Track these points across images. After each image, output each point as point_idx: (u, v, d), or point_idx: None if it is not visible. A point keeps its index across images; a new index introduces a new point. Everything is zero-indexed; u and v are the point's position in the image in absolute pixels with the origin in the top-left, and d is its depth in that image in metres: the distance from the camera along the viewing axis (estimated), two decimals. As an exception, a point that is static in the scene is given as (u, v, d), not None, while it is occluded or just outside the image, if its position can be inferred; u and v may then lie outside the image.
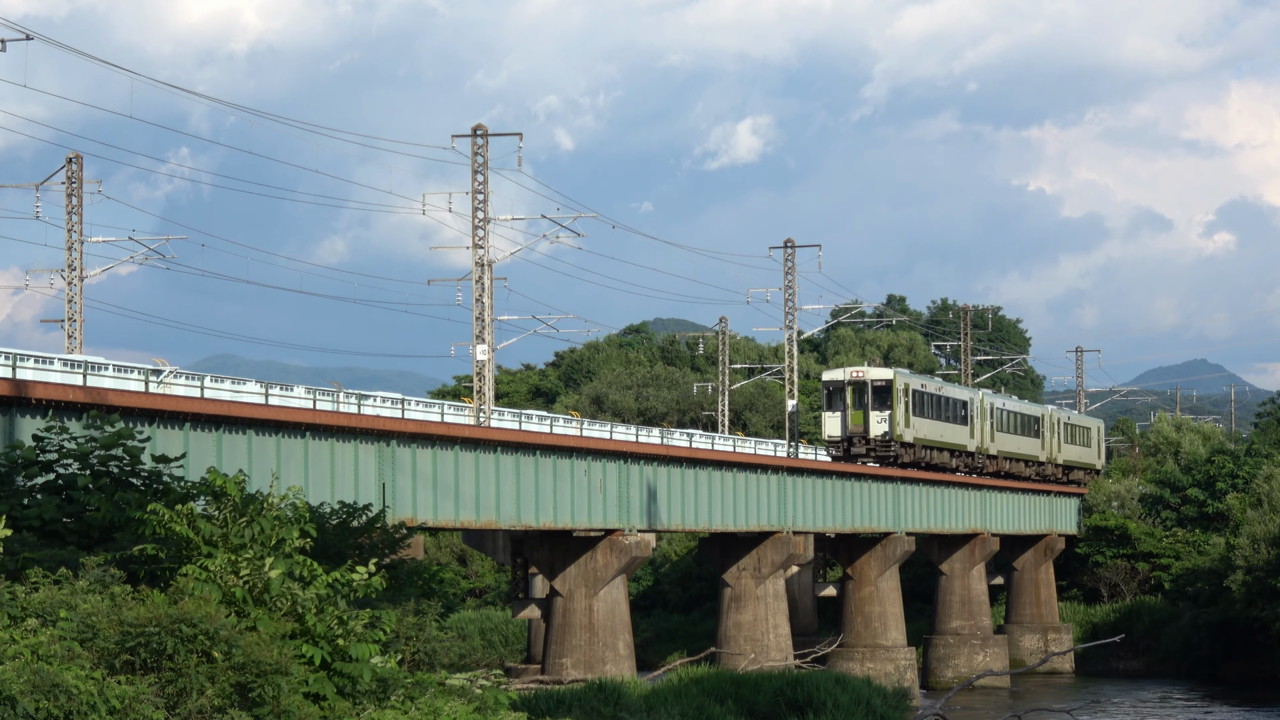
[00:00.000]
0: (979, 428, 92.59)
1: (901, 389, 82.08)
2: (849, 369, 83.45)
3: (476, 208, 67.81)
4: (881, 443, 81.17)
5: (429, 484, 48.02)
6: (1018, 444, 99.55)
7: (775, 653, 67.99)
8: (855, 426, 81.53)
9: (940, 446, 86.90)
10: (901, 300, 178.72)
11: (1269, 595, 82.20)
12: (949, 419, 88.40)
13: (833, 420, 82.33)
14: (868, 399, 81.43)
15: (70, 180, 71.22)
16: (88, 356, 54.73)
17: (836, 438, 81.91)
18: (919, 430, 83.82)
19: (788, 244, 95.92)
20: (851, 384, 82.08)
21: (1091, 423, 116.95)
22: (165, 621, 20.37)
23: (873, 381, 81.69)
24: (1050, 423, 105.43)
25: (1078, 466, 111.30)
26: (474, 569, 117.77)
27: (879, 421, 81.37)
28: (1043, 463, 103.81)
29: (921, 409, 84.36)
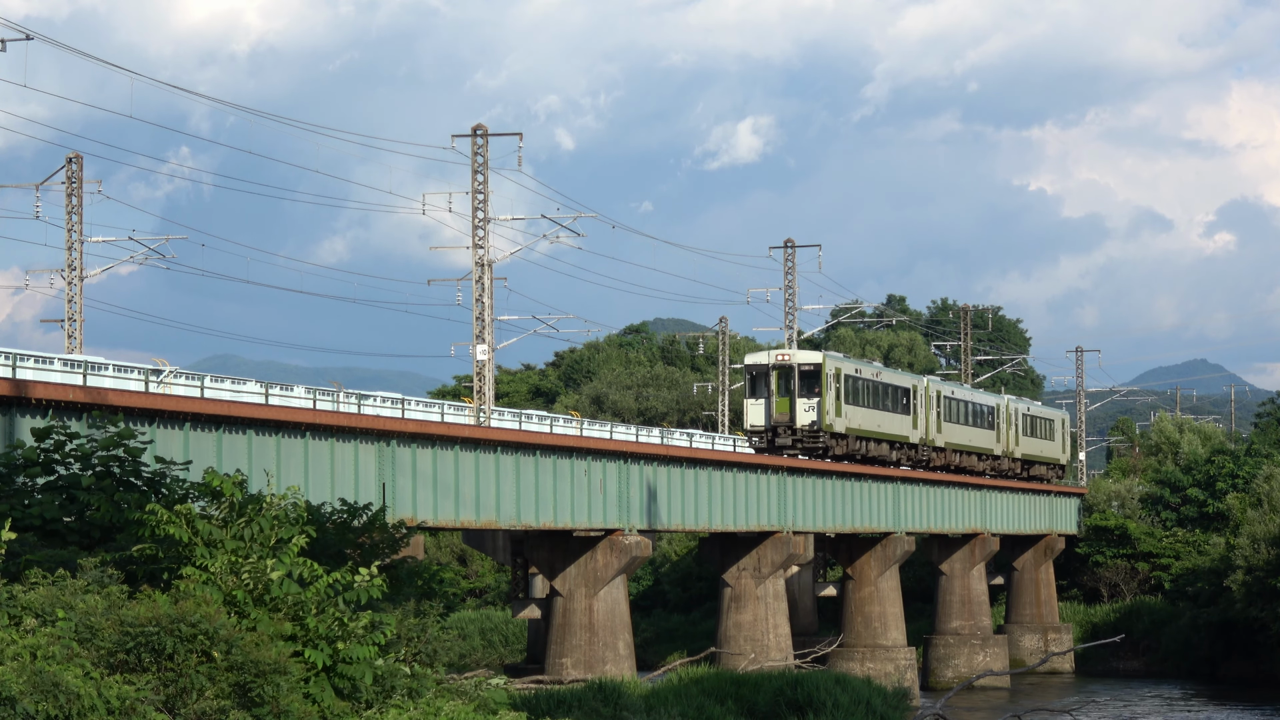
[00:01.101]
0: (923, 417, 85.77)
1: (832, 374, 75.05)
2: (774, 351, 76.06)
3: (476, 208, 67.82)
4: (809, 433, 74.02)
5: (429, 484, 48.02)
6: (969, 436, 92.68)
7: (775, 653, 67.98)
8: (780, 415, 74.32)
9: (878, 438, 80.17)
10: (901, 300, 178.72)
11: (1269, 595, 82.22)
12: (888, 408, 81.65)
13: (756, 408, 74.99)
14: (794, 385, 74.32)
15: (70, 180, 71.23)
16: (88, 356, 54.75)
17: (759, 427, 74.75)
18: (853, 420, 76.96)
19: (788, 244, 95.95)
20: (776, 368, 74.80)
21: (1054, 414, 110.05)
22: (165, 621, 20.38)
23: (799, 365, 74.62)
24: (1006, 413, 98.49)
25: (1039, 461, 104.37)
26: (474, 569, 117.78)
27: (806, 410, 74.19)
28: (998, 456, 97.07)
29: (856, 396, 77.46)
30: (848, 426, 76.07)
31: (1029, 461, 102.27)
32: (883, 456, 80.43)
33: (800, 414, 74.00)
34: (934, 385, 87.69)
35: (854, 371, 77.68)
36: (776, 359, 75.00)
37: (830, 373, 74.85)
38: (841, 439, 75.67)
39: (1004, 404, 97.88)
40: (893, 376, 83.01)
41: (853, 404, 76.85)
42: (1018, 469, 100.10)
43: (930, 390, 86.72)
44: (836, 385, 75.12)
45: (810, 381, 74.45)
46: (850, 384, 76.79)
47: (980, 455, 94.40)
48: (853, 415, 76.79)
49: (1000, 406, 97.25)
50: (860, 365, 79.45)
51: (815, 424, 74.00)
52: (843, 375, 76.01)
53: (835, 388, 74.98)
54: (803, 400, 74.12)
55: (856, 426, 77.16)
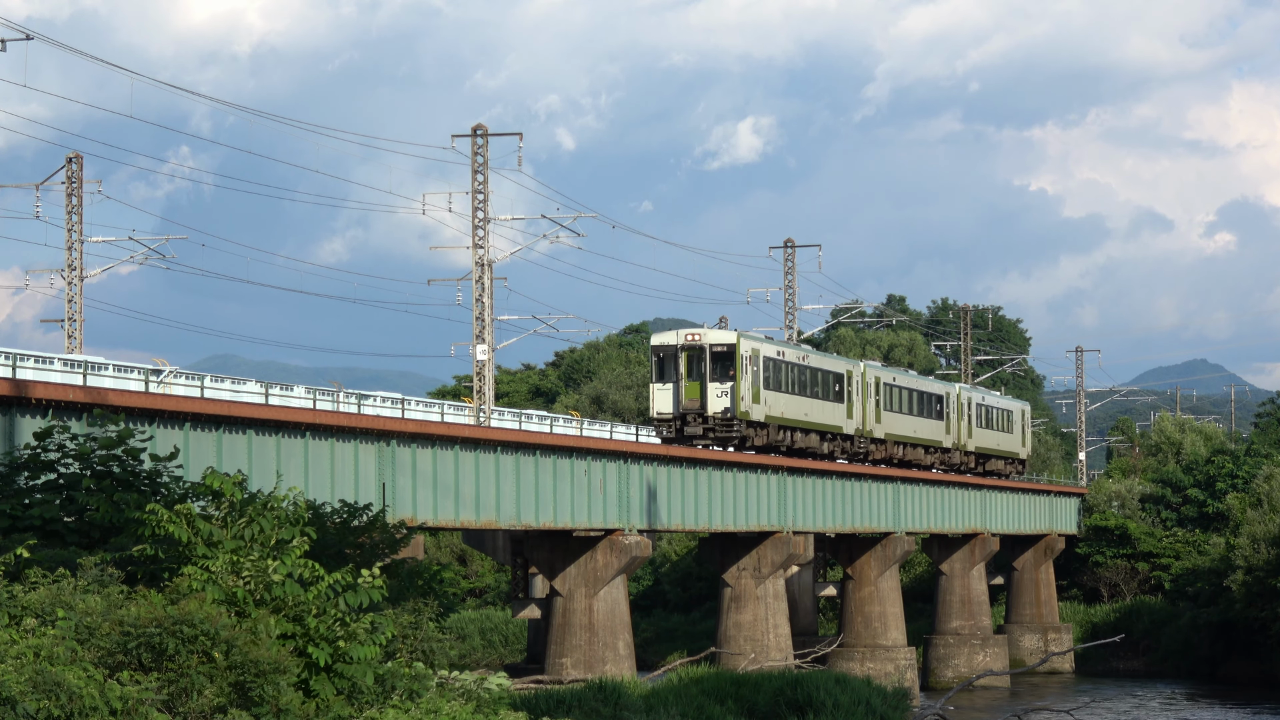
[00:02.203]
0: (860, 406, 79.06)
1: (749, 356, 67.96)
2: (683, 331, 68.70)
3: (476, 208, 67.83)
4: (722, 421, 67.00)
5: (429, 484, 48.03)
6: (913, 426, 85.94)
7: (775, 653, 67.98)
8: (690, 402, 67.13)
9: (805, 427, 73.28)
10: (901, 300, 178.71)
11: (1269, 595, 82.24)
12: (818, 394, 74.65)
13: (663, 394, 67.81)
14: (705, 368, 67.20)
15: (70, 180, 71.23)
16: (88, 356, 54.78)
17: (667, 415, 67.64)
18: (775, 407, 70.11)
19: (788, 244, 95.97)
20: (686, 349, 67.54)
21: (1014, 405, 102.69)
22: (166, 622, 20.39)
23: (711, 346, 67.50)
24: (957, 403, 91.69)
25: (995, 455, 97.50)
26: (474, 569, 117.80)
27: (719, 395, 67.10)
28: (948, 449, 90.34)
29: (778, 381, 70.70)
30: (768, 414, 69.43)
31: (984, 455, 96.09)
32: (811, 448, 73.98)
33: (712, 400, 67.13)
34: (872, 371, 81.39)
35: (776, 354, 71.06)
36: (685, 339, 68.03)
37: (746, 354, 67.93)
38: (760, 428, 69.08)
39: (954, 392, 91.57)
40: (822, 360, 76.34)
41: (774, 390, 70.24)
42: (971, 463, 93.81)
43: (867, 376, 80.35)
44: (754, 368, 68.33)
45: (724, 364, 67.56)
46: (771, 367, 70.24)
47: (927, 448, 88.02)
48: (774, 402, 70.15)
49: (950, 395, 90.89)
50: (784, 348, 72.83)
51: (729, 411, 67.08)
52: (762, 358, 69.24)
53: (753, 371, 68.18)
54: (715, 385, 67.27)
55: (778, 415, 70.62)
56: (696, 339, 67.68)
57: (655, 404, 68.11)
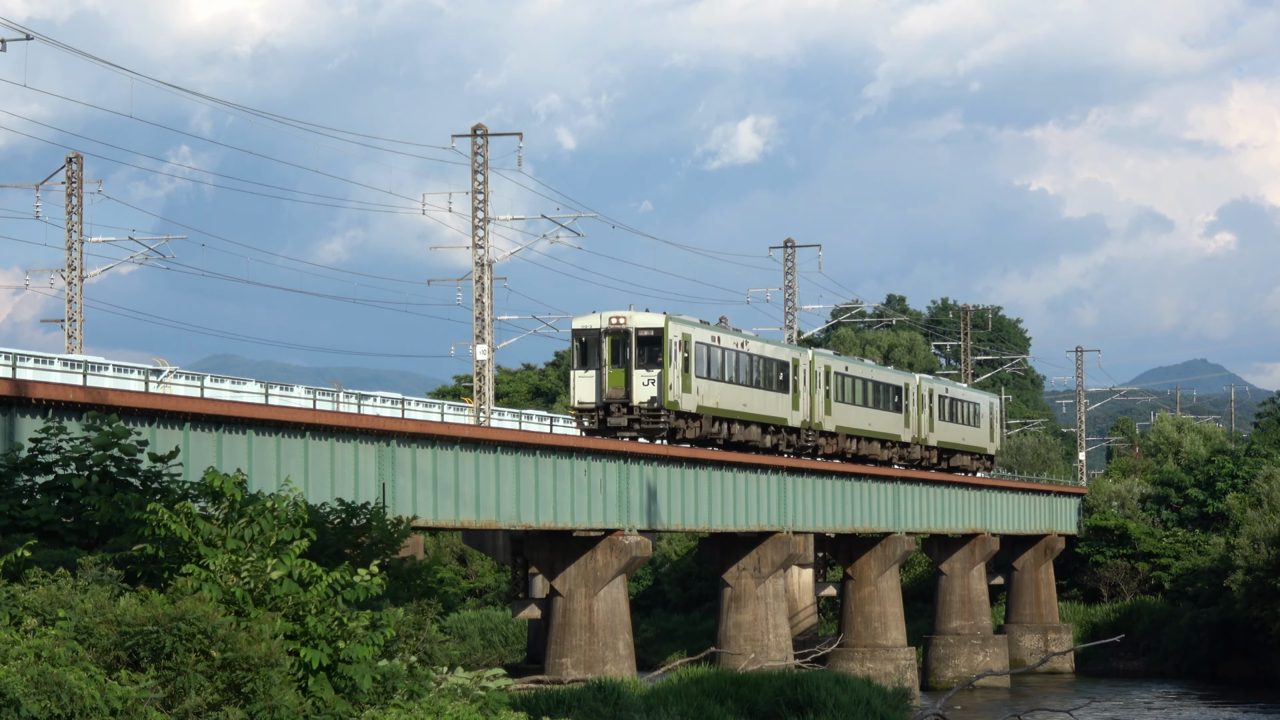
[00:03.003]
0: (807, 397, 73.96)
1: (678, 341, 63.14)
2: (606, 313, 63.52)
3: (476, 208, 67.85)
4: (648, 411, 62.13)
5: (429, 484, 48.03)
6: (868, 419, 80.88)
7: (775, 653, 67.98)
8: (613, 390, 62.41)
9: (745, 419, 68.44)
10: (901, 300, 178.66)
11: (1269, 595, 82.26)
12: (759, 384, 69.82)
13: (585, 382, 63.11)
14: (630, 354, 62.36)
15: (70, 180, 71.24)
16: (88, 356, 54.79)
17: (589, 404, 62.90)
18: (708, 396, 65.34)
19: (788, 244, 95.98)
20: (609, 333, 62.85)
21: (980, 397, 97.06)
22: (163, 620, 20.40)
23: (637, 330, 62.67)
24: (918, 394, 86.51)
25: (960, 450, 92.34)
26: (474, 569, 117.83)
27: (645, 383, 62.34)
28: (907, 444, 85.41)
29: (713, 369, 66.01)
30: (700, 404, 64.60)
31: (948, 450, 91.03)
32: (752, 442, 69.31)
33: (637, 388, 62.32)
34: (822, 359, 76.29)
35: (710, 339, 66.19)
36: (609, 322, 63.16)
37: (675, 339, 63.14)
38: (692, 419, 64.35)
39: (914, 383, 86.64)
40: (765, 347, 71.21)
41: (708, 378, 65.54)
42: (933, 458, 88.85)
43: (816, 365, 75.30)
44: (684, 354, 63.51)
45: (651, 350, 62.80)
46: (705, 354, 65.44)
47: (884, 442, 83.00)
48: (708, 391, 65.40)
49: (909, 386, 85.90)
50: (720, 333, 67.50)
51: (656, 401, 62.25)
52: (693, 343, 64.40)
53: (683, 357, 63.37)
54: (641, 372, 62.40)
55: (712, 405, 65.70)
56: (621, 322, 63.02)
57: (576, 392, 63.37)
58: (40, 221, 71.73)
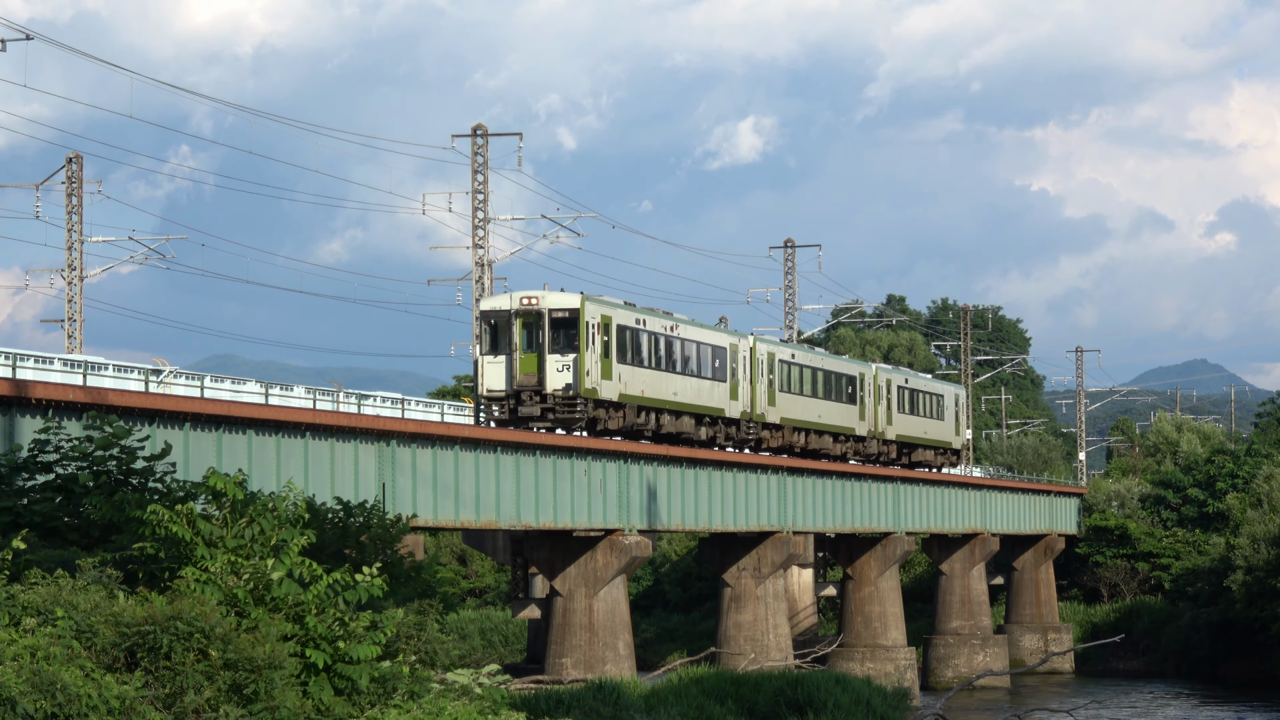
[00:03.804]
0: (747, 386, 68.65)
1: (597, 324, 58.08)
2: (517, 294, 58.53)
3: (476, 208, 67.87)
4: (564, 400, 57.03)
5: (429, 484, 48.04)
6: (818, 410, 75.38)
7: (775, 653, 68.00)
8: (525, 377, 57.34)
9: (675, 409, 63.22)
10: (901, 300, 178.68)
11: (1269, 595, 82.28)
12: (692, 372, 64.50)
13: (494, 368, 57.90)
14: (543, 337, 57.44)
15: (70, 180, 71.25)
16: (88, 356, 54.76)
17: (499, 392, 57.67)
18: (632, 384, 60.25)
19: (788, 244, 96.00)
20: (521, 315, 57.82)
21: (944, 388, 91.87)
22: (161, 620, 20.41)
23: (551, 312, 57.57)
24: (874, 385, 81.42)
25: (922, 444, 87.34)
26: (474, 569, 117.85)
27: (560, 369, 57.19)
28: (862, 437, 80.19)
29: (637, 355, 60.69)
30: (623, 393, 59.44)
31: (908, 444, 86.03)
32: (684, 434, 64.29)
33: (551, 375, 57.22)
34: (765, 346, 70.80)
35: (635, 322, 60.87)
36: (521, 303, 58.01)
37: (594, 321, 58.03)
38: (615, 409, 59.46)
39: (871, 373, 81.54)
40: (698, 332, 65.65)
41: (632, 364, 60.34)
42: (892, 453, 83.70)
43: (758, 352, 69.78)
44: (605, 339, 58.42)
45: (567, 333, 57.71)
46: (629, 338, 60.25)
47: (836, 435, 77.69)
48: (632, 379, 60.27)
49: (865, 376, 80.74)
50: (645, 315, 61.99)
51: (571, 388, 57.04)
52: (615, 326, 59.22)
53: (603, 341, 58.31)
54: (555, 357, 57.33)
55: (637, 393, 60.56)
56: (533, 303, 57.90)
57: (485, 380, 58.10)
58: (40, 221, 71.77)
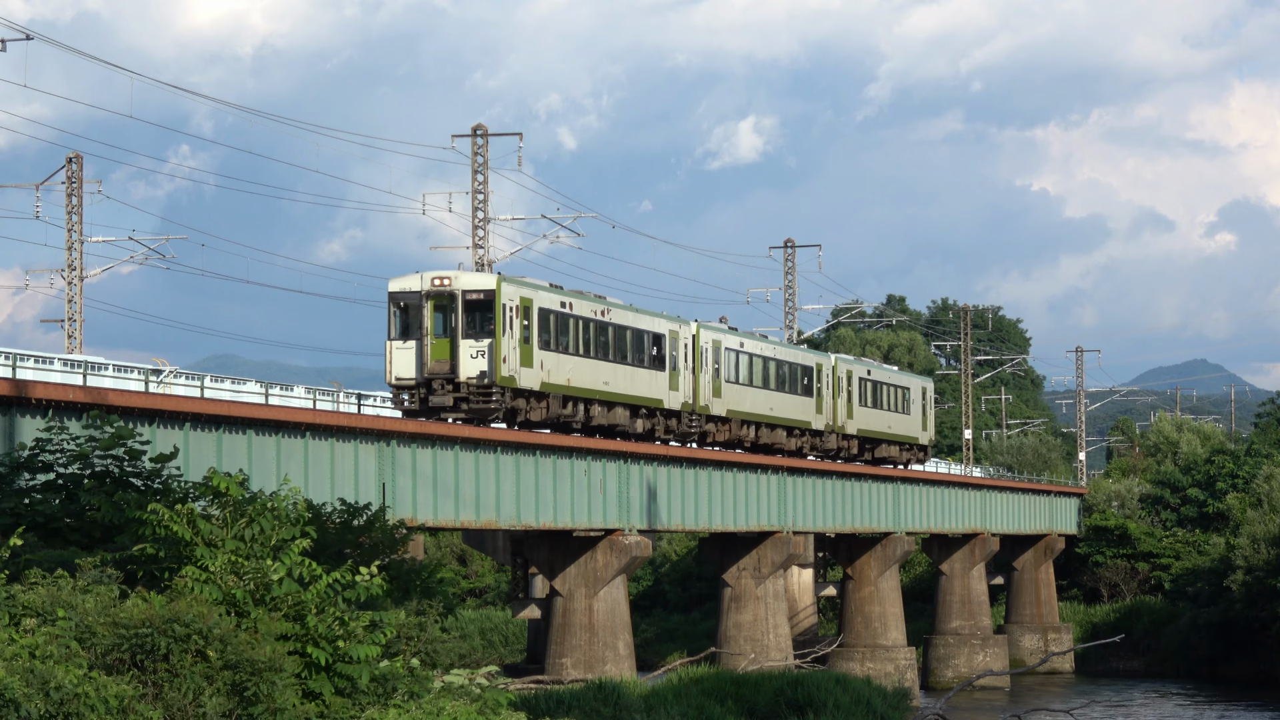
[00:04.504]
0: (689, 376, 63.77)
1: (515, 305, 53.51)
2: (429, 274, 54.05)
3: (476, 208, 67.91)
4: (479, 389, 52.47)
5: (429, 484, 48.05)
6: (770, 402, 70.56)
7: (775, 653, 68.02)
8: (437, 364, 52.89)
9: (607, 399, 58.68)
10: (901, 300, 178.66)
11: (1269, 595, 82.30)
12: (625, 359, 59.79)
13: (404, 354, 53.42)
14: (457, 321, 52.92)
15: (70, 180, 71.27)
16: (88, 356, 54.74)
17: (408, 381, 53.23)
18: (557, 372, 55.68)
19: (788, 244, 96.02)
20: (433, 296, 53.39)
21: (910, 381, 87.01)
22: (158, 621, 20.41)
23: (465, 293, 53.13)
24: (832, 376, 76.39)
25: (886, 439, 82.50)
26: (474, 569, 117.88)
27: (474, 355, 52.64)
28: (820, 431, 75.30)
29: (562, 340, 56.30)
30: (546, 382, 55.00)
31: (871, 440, 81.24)
32: (618, 426, 59.80)
33: (465, 361, 52.71)
34: (709, 333, 65.76)
35: (559, 305, 56.44)
36: (432, 283, 53.58)
37: (512, 304, 53.43)
38: (537, 400, 54.87)
39: (829, 364, 76.57)
40: (632, 317, 61.00)
41: (557, 350, 55.91)
42: (853, 448, 79.06)
43: (701, 339, 64.96)
44: (525, 322, 53.92)
45: (482, 316, 53.28)
46: (554, 322, 55.90)
47: (790, 429, 72.86)
48: (557, 366, 55.77)
49: (822, 367, 75.74)
50: (572, 298, 57.53)
51: (486, 376, 52.47)
52: (537, 310, 54.83)
53: (523, 325, 53.78)
54: (469, 342, 52.82)
55: (562, 382, 56.02)
56: (446, 283, 53.38)
57: (394, 367, 53.55)
58: (40, 221, 71.80)
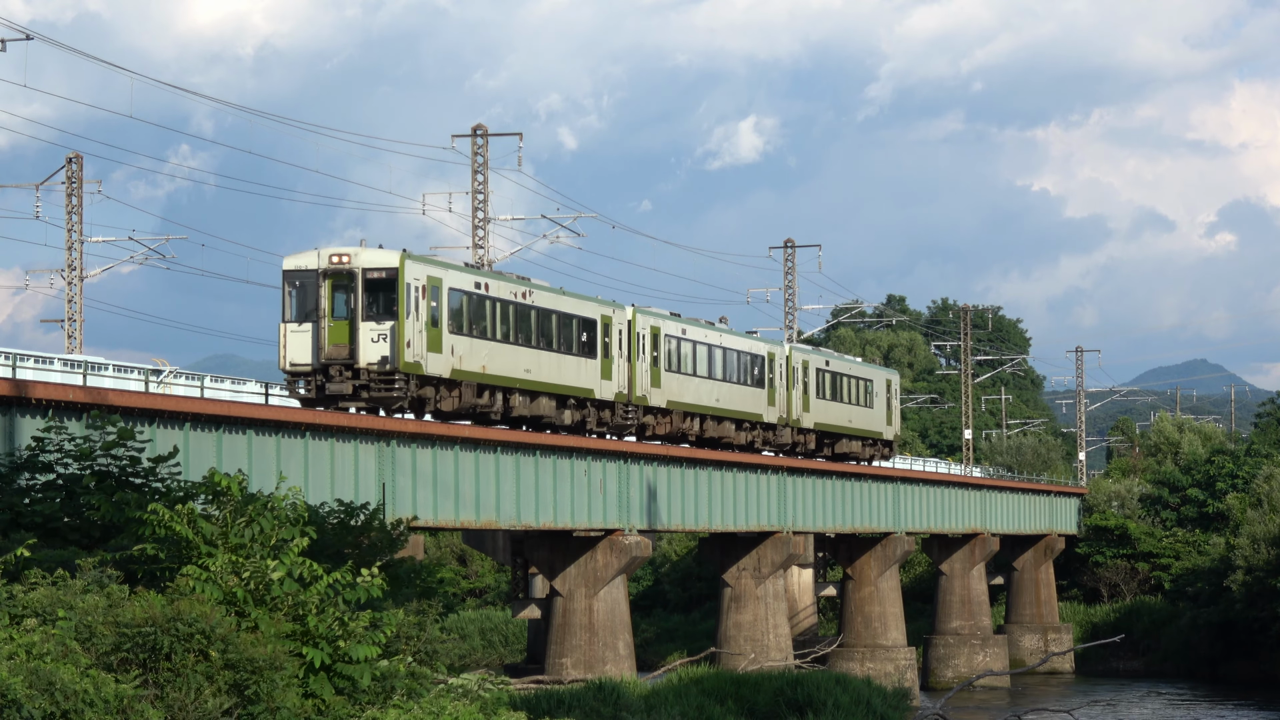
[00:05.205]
0: (623, 364, 59.36)
1: (422, 286, 49.11)
2: (326, 250, 49.13)
3: (476, 208, 67.91)
4: (380, 376, 47.97)
5: (429, 484, 48.03)
6: (716, 393, 66.00)
7: (775, 653, 68.02)
8: (334, 348, 48.26)
9: (529, 389, 53.86)
10: (901, 300, 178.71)
11: (1269, 595, 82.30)
12: (550, 345, 55.29)
13: (299, 338, 48.67)
14: (357, 302, 48.28)
15: (70, 180, 71.28)
16: (88, 356, 54.73)
17: (304, 366, 48.50)
18: (470, 359, 50.99)
19: (788, 244, 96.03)
20: (330, 275, 48.60)
21: (874, 372, 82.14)
22: (161, 620, 20.42)
23: (365, 271, 48.45)
24: (786, 367, 71.65)
25: (847, 434, 77.80)
26: (474, 569, 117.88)
27: (375, 339, 48.07)
28: (773, 425, 70.72)
29: (475, 324, 51.59)
30: (456, 369, 50.34)
31: (830, 434, 76.51)
32: (544, 418, 55.17)
33: (365, 346, 48.14)
34: (647, 319, 61.49)
35: (474, 286, 51.67)
36: (330, 260, 48.77)
37: (417, 283, 48.98)
38: (448, 388, 50.46)
39: (782, 353, 71.72)
40: (557, 300, 56.42)
41: (471, 335, 51.28)
42: (810, 443, 74.44)
43: (637, 325, 60.68)
44: (433, 304, 49.52)
45: (384, 297, 48.55)
46: (464, 304, 51.10)
47: (741, 422, 68.44)
48: (470, 352, 51.07)
49: (775, 356, 70.89)
50: (489, 278, 52.82)
51: (388, 362, 47.99)
52: (446, 290, 50.28)
53: (430, 307, 49.35)
54: (370, 325, 48.22)
55: (476, 370, 51.25)
56: (345, 260, 48.65)
57: (288, 352, 48.83)
58: (40, 221, 71.87)
